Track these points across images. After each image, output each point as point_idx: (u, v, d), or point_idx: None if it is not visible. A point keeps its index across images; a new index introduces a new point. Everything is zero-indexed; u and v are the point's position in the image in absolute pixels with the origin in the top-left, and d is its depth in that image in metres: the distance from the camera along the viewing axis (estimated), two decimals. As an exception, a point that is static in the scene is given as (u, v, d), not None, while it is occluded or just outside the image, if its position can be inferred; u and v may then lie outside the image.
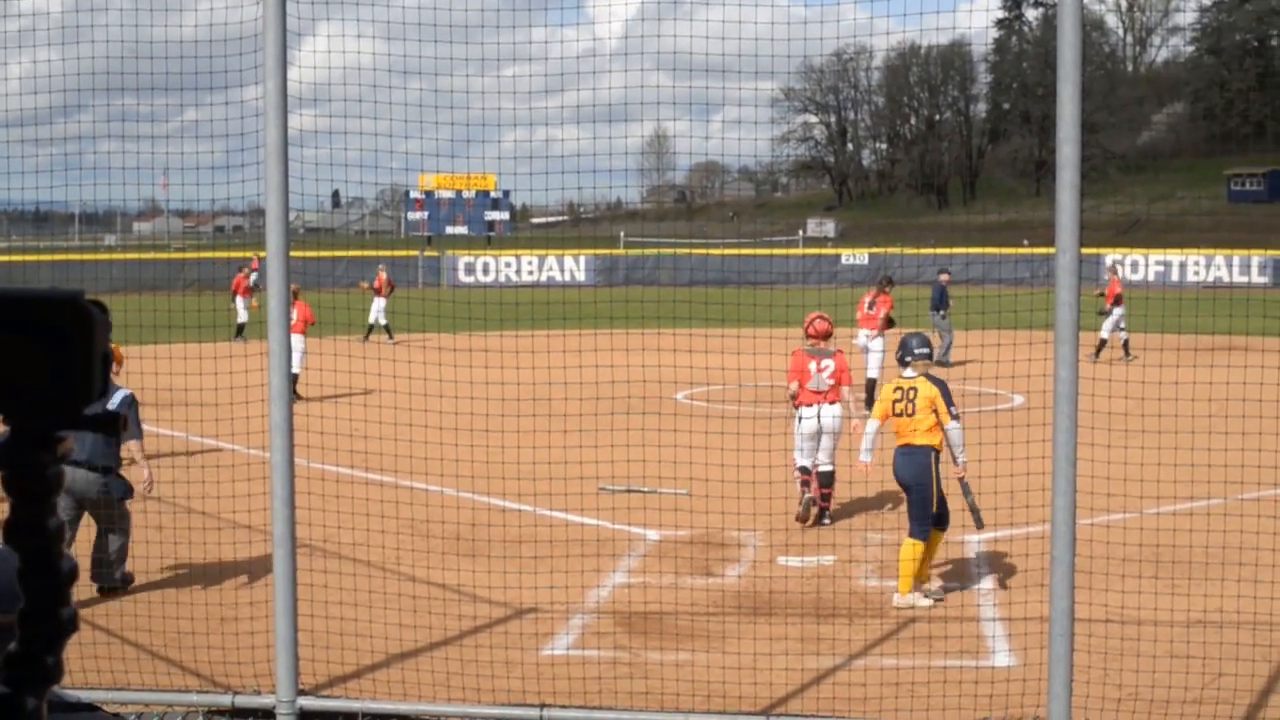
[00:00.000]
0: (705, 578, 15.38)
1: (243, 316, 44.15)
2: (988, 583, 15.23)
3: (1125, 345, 37.25)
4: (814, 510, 18.05)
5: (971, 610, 14.36)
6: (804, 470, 18.19)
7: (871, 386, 28.29)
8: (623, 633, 13.71)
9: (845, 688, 11.72)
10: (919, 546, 14.42)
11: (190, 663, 12.42)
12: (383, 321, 43.83)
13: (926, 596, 14.52)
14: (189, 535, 17.11)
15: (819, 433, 18.18)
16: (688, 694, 11.62)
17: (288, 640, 10.61)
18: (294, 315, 31.25)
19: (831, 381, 18.28)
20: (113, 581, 14.61)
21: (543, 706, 10.92)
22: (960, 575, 15.61)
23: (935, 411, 14.58)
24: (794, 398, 18.41)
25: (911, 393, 14.71)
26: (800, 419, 18.32)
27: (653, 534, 17.01)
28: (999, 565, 15.64)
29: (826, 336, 18.63)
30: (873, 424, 15.30)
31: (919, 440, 14.60)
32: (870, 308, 30.14)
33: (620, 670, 12.35)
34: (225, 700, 11.21)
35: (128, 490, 14.81)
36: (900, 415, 14.73)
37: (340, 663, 12.03)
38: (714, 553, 16.42)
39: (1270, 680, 11.74)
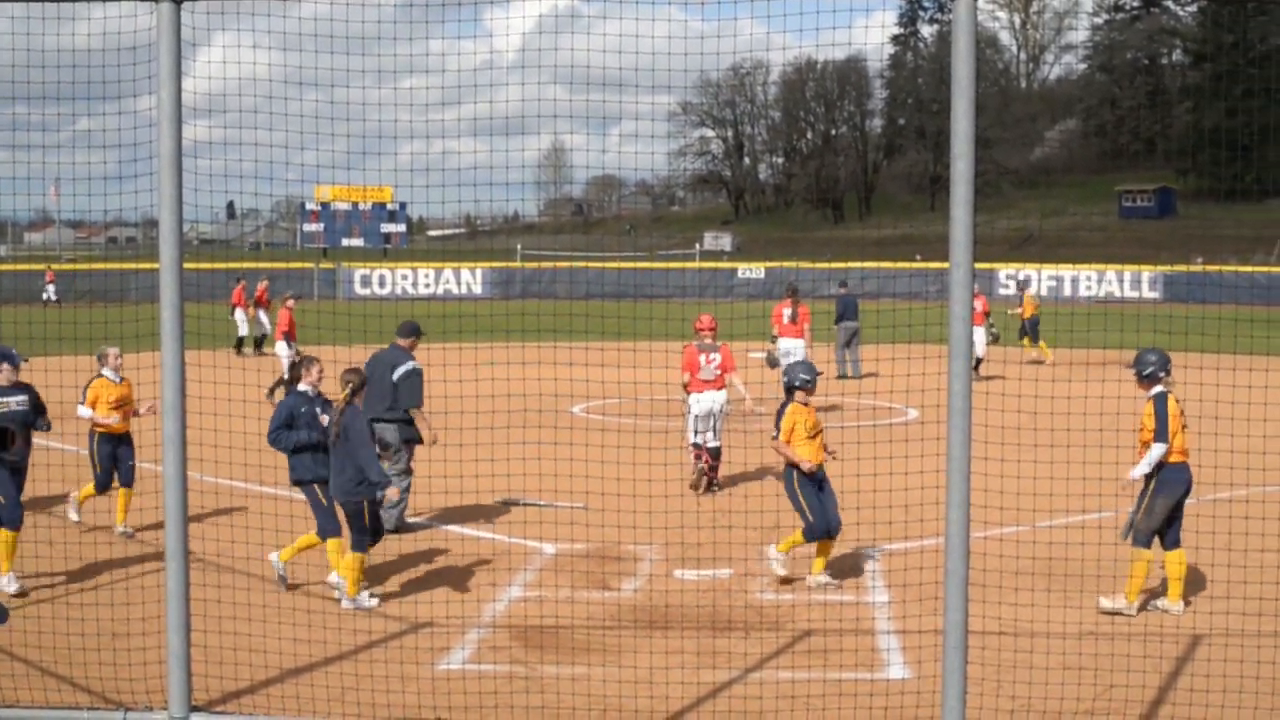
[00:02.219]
0: (602, 591, 15.36)
1: (243, 330, 43.67)
2: (883, 596, 15.30)
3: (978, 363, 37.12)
4: (704, 479, 21.00)
5: (867, 623, 14.42)
6: (696, 446, 21.12)
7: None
8: (519, 647, 13.67)
9: (741, 701, 11.74)
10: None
11: (81, 678, 12.27)
12: (244, 332, 43.65)
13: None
14: (80, 550, 16.92)
15: (709, 415, 21.04)
16: (584, 708, 11.59)
17: (180, 655, 10.49)
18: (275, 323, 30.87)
19: (718, 371, 21.12)
20: None
21: (438, 721, 10.87)
22: (855, 588, 15.67)
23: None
24: (686, 386, 21.21)
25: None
26: (692, 404, 21.15)
27: (549, 548, 16.97)
28: (894, 578, 15.71)
29: (714, 332, 21.37)
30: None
31: None
32: (793, 319, 30.72)
33: (516, 685, 12.31)
34: (116, 716, 11.06)
35: None
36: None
37: (234, 678, 11.92)
38: (610, 566, 16.40)
39: (1160, 691, 11.86)
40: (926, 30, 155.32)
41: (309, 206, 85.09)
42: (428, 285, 79.58)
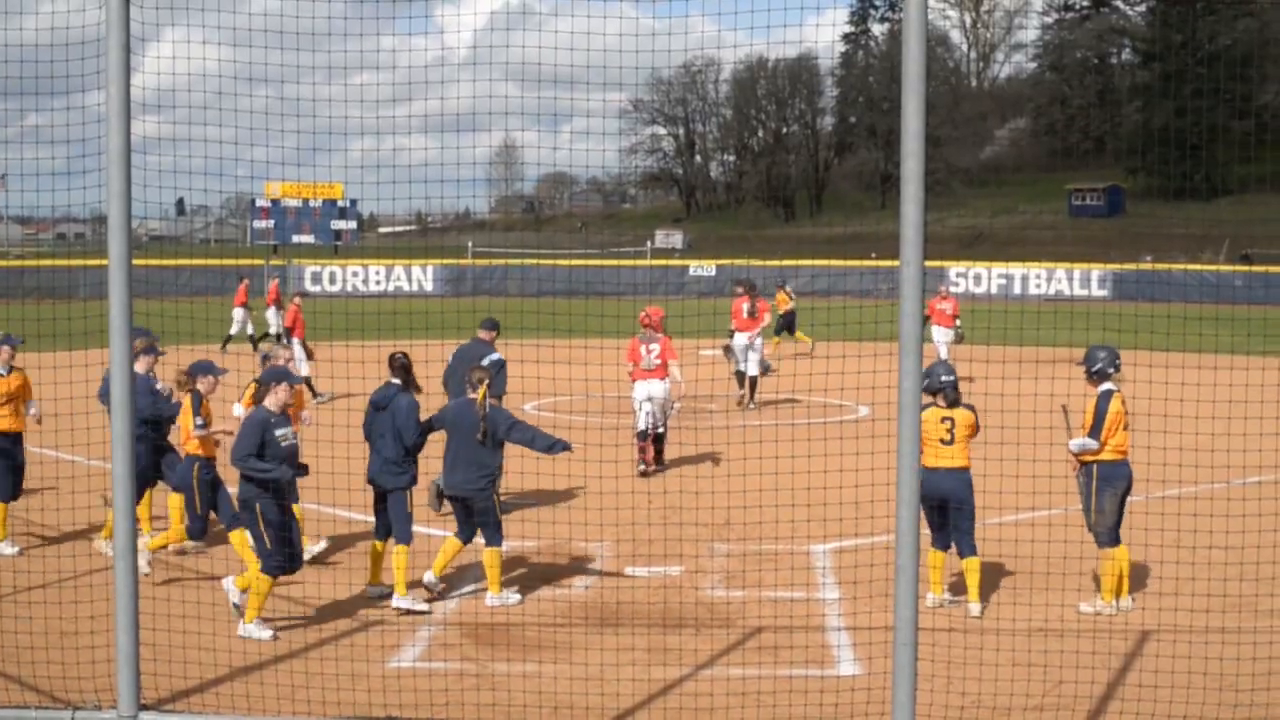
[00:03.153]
0: (553, 588, 15.35)
1: (235, 328, 43.37)
2: (833, 592, 15.34)
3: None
4: (651, 468, 22.26)
5: (817, 620, 14.45)
6: (641, 436, 22.46)
7: (753, 383, 30.35)
8: (470, 644, 13.65)
9: (692, 698, 11.75)
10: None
11: (29, 677, 12.20)
12: (249, 330, 43.55)
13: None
14: (28, 547, 16.83)
15: (649, 400, 22.47)
16: (535, 705, 11.59)
17: (129, 653, 10.45)
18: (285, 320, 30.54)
19: (659, 361, 22.57)
20: None
21: (389, 719, 10.85)
22: (806, 584, 15.70)
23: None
24: (631, 375, 22.71)
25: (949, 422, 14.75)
26: (635, 392, 22.72)
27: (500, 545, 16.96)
28: (844, 575, 15.75)
29: (655, 325, 22.82)
30: None
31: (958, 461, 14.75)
32: (751, 314, 30.98)
33: (468, 682, 12.30)
34: (65, 716, 11.01)
35: None
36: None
37: (183, 676, 11.88)
38: (562, 564, 16.40)
39: (1109, 687, 11.93)
40: (878, 29, 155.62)
41: (259, 203, 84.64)
42: (379, 282, 79.50)
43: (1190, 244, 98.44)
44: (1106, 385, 14.67)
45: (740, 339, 30.96)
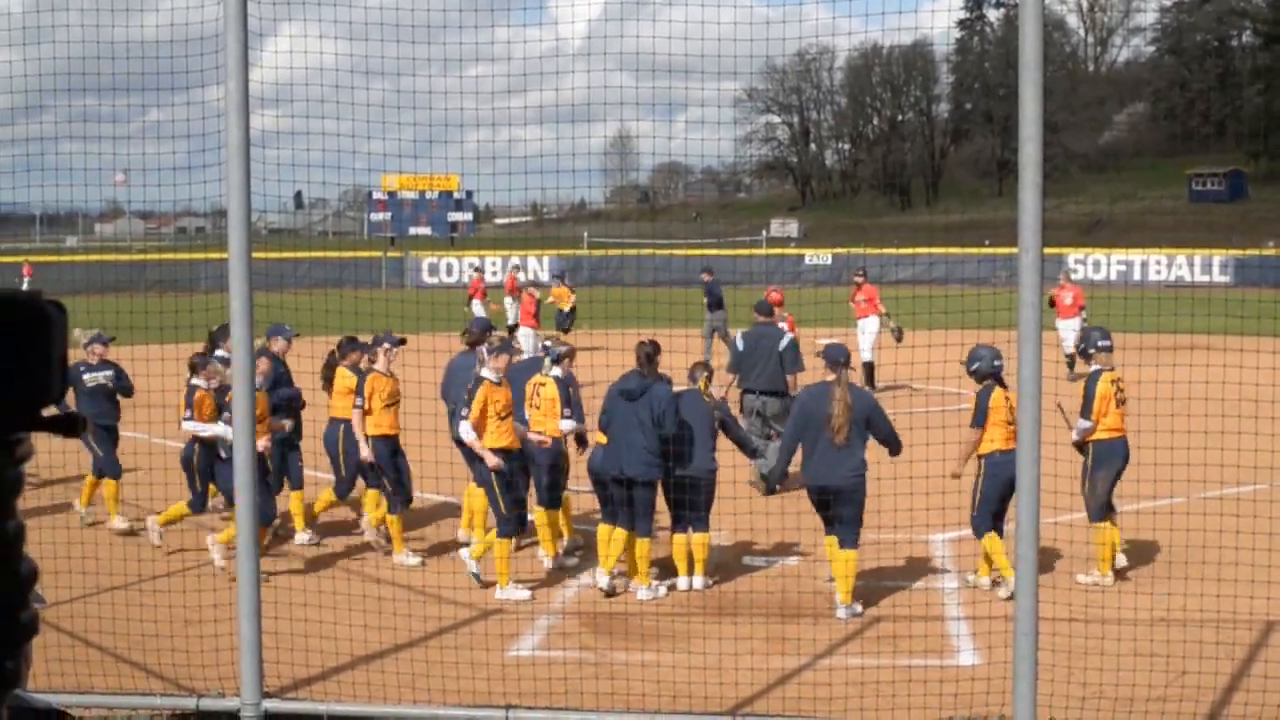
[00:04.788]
0: (672, 578, 15.35)
1: (510, 318, 43.77)
2: (952, 582, 15.25)
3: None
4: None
5: (936, 609, 14.38)
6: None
7: (869, 369, 30.97)
8: (588, 633, 13.69)
9: (810, 687, 11.72)
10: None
11: (155, 666, 12.36)
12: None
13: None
14: (153, 537, 17.04)
15: None
16: (654, 694, 11.60)
17: (252, 643, 10.56)
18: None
19: None
20: None
21: (509, 708, 10.89)
22: (925, 574, 15.62)
23: None
24: None
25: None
26: None
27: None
28: (964, 564, 15.65)
29: (780, 305, 23.73)
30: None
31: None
32: (864, 302, 31.81)
33: (586, 671, 12.33)
34: (190, 703, 11.15)
35: None
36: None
37: (305, 665, 11.98)
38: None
39: (1233, 678, 11.78)
40: (993, 14, 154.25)
41: (376, 195, 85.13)
42: (495, 273, 79.76)
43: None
44: (1093, 367, 15.24)
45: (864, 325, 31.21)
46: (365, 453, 16.26)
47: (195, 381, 16.27)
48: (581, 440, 16.13)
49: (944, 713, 11.00)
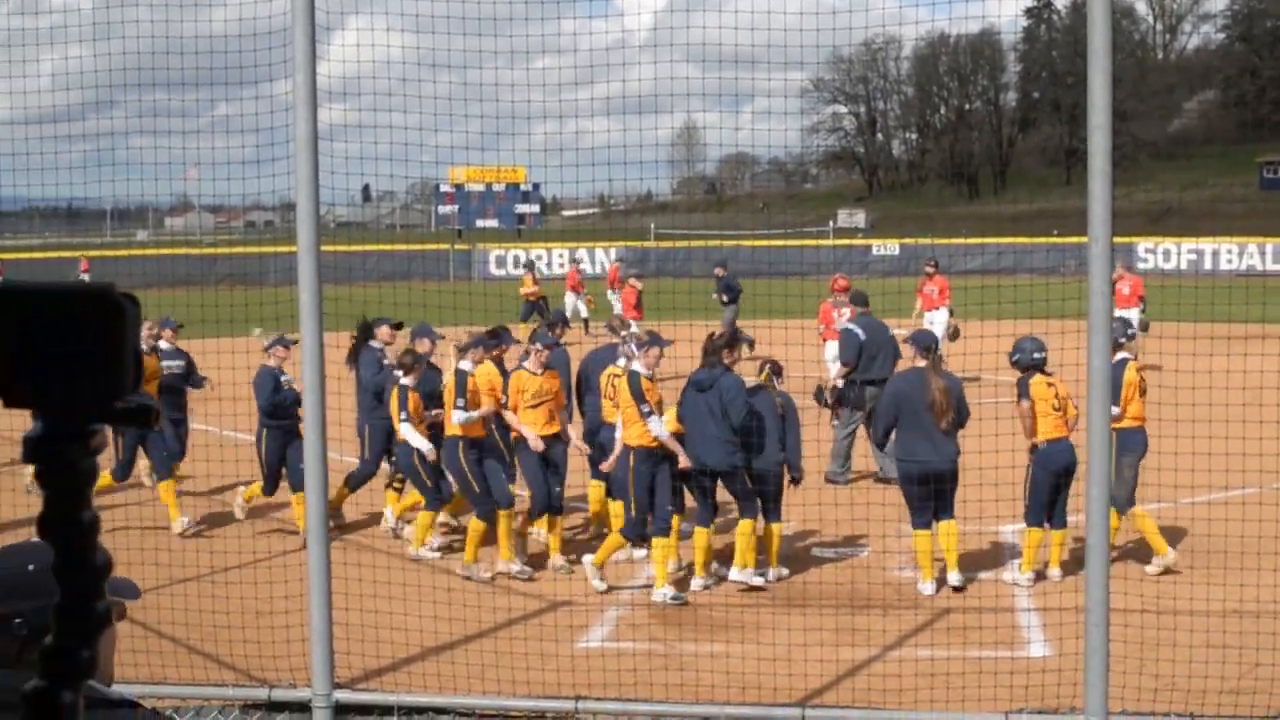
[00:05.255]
0: (740, 569, 15.33)
1: (568, 313, 43.72)
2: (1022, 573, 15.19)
3: None
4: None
5: (1006, 601, 14.32)
6: (818, 394, 21.31)
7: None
8: (657, 625, 13.70)
9: (880, 679, 11.70)
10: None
11: (226, 657, 12.45)
12: (583, 314, 43.59)
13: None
14: (224, 529, 17.16)
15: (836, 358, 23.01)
16: (723, 686, 11.61)
17: (322, 634, 10.62)
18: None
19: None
20: None
21: (578, 699, 10.92)
22: (994, 565, 15.57)
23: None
24: (822, 335, 25.20)
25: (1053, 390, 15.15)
26: (826, 350, 24.67)
27: (686, 525, 16.96)
28: (1033, 555, 15.58)
29: (846, 290, 24.55)
30: None
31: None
32: (935, 294, 32.16)
33: (655, 662, 12.35)
34: (261, 694, 11.23)
35: None
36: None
37: (375, 656, 12.04)
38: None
39: (1308, 669, 11.68)
40: (1060, 2, 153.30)
41: (443, 188, 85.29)
42: (562, 265, 79.78)
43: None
44: (1121, 355, 15.05)
45: (930, 317, 31.12)
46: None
47: (405, 381, 16.13)
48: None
49: (1014, 704, 10.96)
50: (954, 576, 14.67)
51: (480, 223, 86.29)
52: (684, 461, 14.58)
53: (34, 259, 68.09)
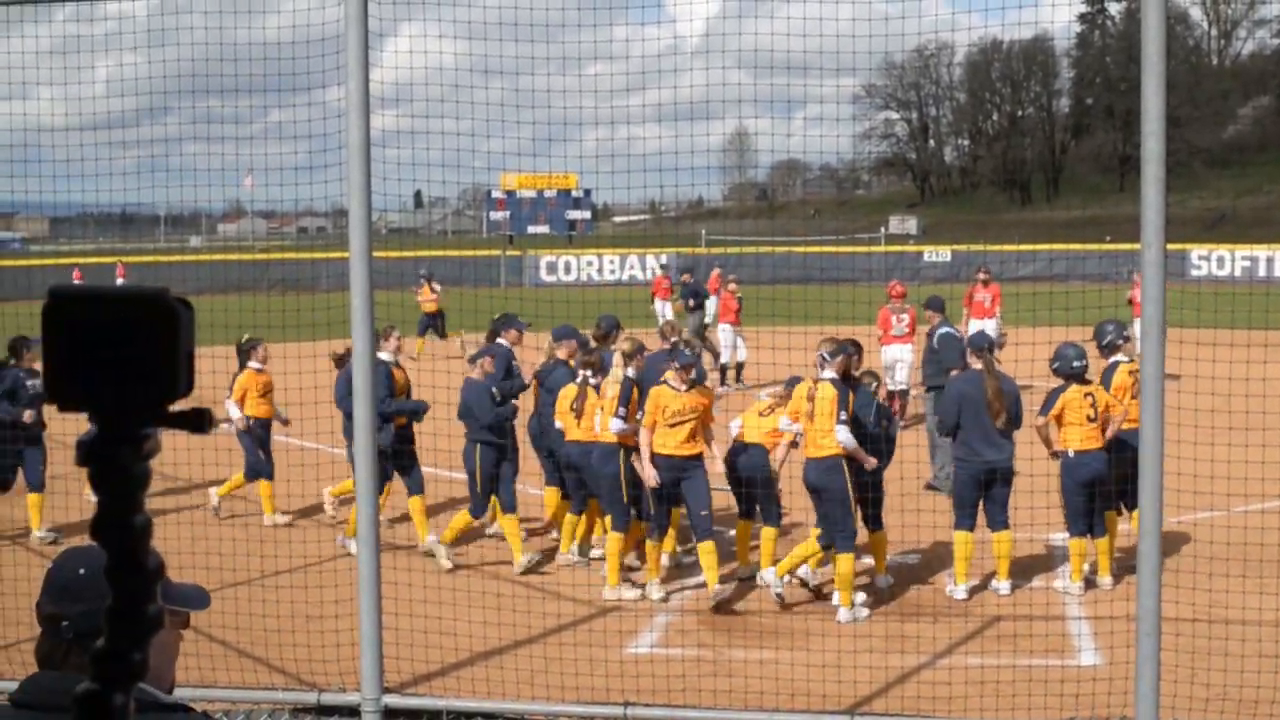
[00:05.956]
0: (789, 575, 15.31)
1: (660, 322, 43.34)
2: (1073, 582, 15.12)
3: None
4: (902, 424, 22.56)
5: (1057, 609, 14.27)
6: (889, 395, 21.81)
7: None
8: (706, 631, 13.70)
9: (930, 686, 11.67)
10: None
11: (276, 660, 12.50)
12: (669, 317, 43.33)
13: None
14: (274, 534, 17.22)
15: (895, 362, 25.73)
16: (771, 692, 11.59)
17: (372, 638, 10.65)
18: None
19: (908, 329, 25.95)
20: None
21: (627, 705, 10.92)
22: (1045, 573, 15.50)
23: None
24: (880, 340, 25.55)
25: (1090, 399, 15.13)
26: (882, 355, 25.20)
27: (732, 531, 16.96)
28: (1079, 564, 15.51)
29: (903, 297, 26.39)
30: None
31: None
32: (988, 302, 31.41)
33: (704, 669, 12.34)
34: (311, 698, 11.27)
35: None
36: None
37: (425, 660, 12.07)
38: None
39: (1362, 679, 11.59)
40: (1114, 7, 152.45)
41: (495, 194, 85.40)
42: (613, 271, 79.76)
43: None
44: (1116, 357, 15.50)
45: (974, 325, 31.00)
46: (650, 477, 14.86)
47: (628, 373, 15.89)
48: None
49: (1065, 713, 10.92)
50: (1002, 585, 14.69)
51: (532, 229, 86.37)
52: (871, 462, 14.58)
53: (86, 263, 68.23)
